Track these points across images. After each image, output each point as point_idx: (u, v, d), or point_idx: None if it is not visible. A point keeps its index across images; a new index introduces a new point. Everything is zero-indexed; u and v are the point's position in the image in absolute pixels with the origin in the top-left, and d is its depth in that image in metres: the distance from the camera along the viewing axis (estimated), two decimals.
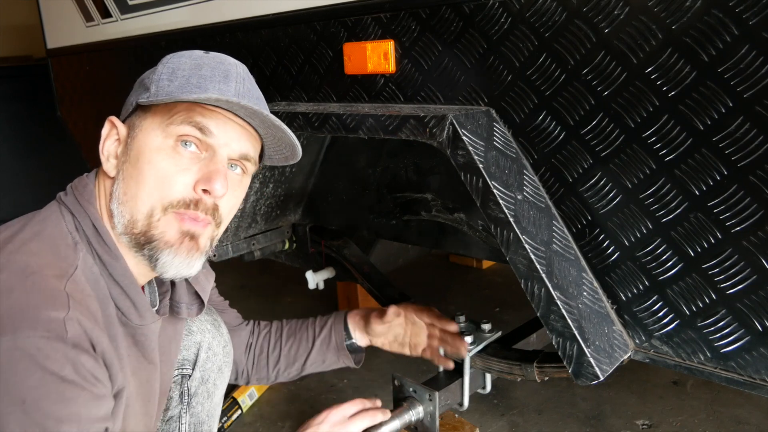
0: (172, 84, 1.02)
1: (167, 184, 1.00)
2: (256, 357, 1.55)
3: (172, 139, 1.02)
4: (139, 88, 1.07)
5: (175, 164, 1.01)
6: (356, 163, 1.80)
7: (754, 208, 0.91)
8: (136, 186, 1.01)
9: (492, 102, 1.17)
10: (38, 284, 0.90)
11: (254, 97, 1.08)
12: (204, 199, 1.02)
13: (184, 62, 1.05)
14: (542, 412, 2.11)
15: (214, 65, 1.05)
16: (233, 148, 1.06)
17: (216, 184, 1.01)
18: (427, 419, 1.42)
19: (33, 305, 0.87)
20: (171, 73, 1.04)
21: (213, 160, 1.03)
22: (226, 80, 1.04)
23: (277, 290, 3.29)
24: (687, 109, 0.94)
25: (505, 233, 1.09)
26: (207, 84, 1.02)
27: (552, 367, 1.30)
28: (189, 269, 1.05)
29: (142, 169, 1.01)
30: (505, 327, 1.51)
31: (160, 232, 1.01)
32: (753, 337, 0.96)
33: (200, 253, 1.05)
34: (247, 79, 1.09)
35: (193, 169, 1.02)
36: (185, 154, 1.02)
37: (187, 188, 1.02)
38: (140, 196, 1.01)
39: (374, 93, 1.35)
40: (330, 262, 2.03)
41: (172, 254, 1.02)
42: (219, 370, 1.40)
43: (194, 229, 1.03)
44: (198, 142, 1.03)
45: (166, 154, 1.01)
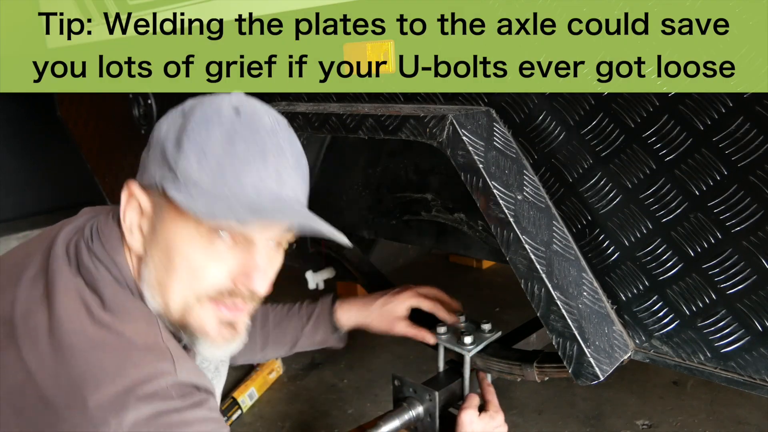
0: (203, 174, 0.89)
1: (201, 276, 0.95)
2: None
3: (206, 228, 0.93)
4: (161, 160, 0.93)
5: (209, 256, 0.94)
6: (356, 163, 1.80)
7: (754, 208, 0.91)
8: (167, 276, 0.95)
9: (492, 102, 1.17)
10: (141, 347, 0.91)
11: (293, 167, 0.96)
12: (241, 289, 0.96)
13: (214, 135, 0.91)
14: (542, 412, 2.11)
15: (249, 136, 0.92)
16: (270, 234, 0.98)
17: (257, 283, 0.95)
18: (427, 419, 1.42)
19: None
20: (200, 157, 0.90)
21: (250, 252, 0.95)
22: (264, 159, 0.91)
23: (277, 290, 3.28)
24: (687, 109, 0.94)
25: (505, 233, 1.09)
26: (244, 171, 0.90)
27: (552, 367, 1.30)
28: (228, 352, 1.02)
29: (173, 260, 0.94)
30: (505, 327, 1.51)
31: (198, 322, 0.97)
32: (753, 337, 0.96)
33: (239, 336, 1.02)
34: (287, 146, 0.96)
35: (229, 260, 0.95)
36: (220, 245, 0.94)
37: (224, 280, 0.95)
38: (173, 287, 0.95)
39: (374, 93, 1.35)
40: (330, 262, 2.03)
41: (209, 344, 0.99)
42: (216, 369, 1.40)
43: (232, 318, 0.99)
44: (232, 231, 0.94)
45: (199, 245, 0.94)
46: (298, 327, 1.55)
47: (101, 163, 2.55)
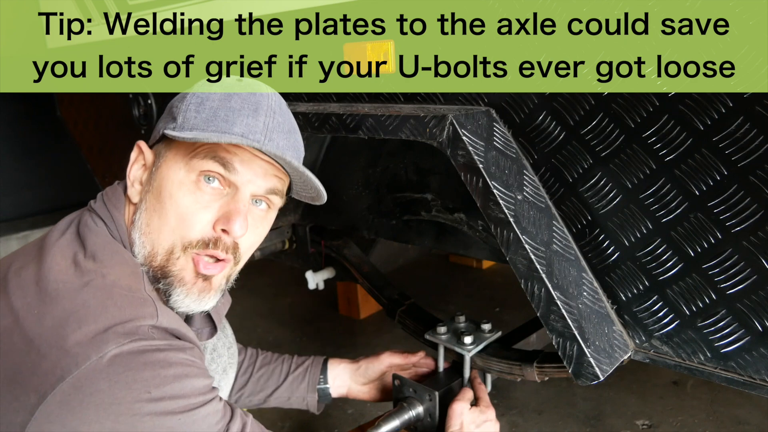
0: (199, 116, 0.99)
1: (188, 223, 1.00)
2: None
3: (195, 173, 1.00)
4: (168, 116, 1.05)
5: (195, 201, 1.00)
6: (356, 163, 1.80)
7: (754, 208, 0.91)
8: (158, 220, 1.01)
9: (492, 102, 1.17)
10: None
11: (284, 131, 1.04)
12: (223, 238, 1.02)
13: (214, 91, 1.02)
14: (542, 412, 2.11)
15: (245, 96, 1.01)
16: (258, 184, 1.04)
17: (235, 225, 1.00)
18: (427, 419, 1.42)
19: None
20: (199, 104, 1.01)
21: (235, 198, 1.02)
22: (256, 113, 1.00)
23: (277, 290, 3.29)
24: (687, 109, 0.94)
25: (505, 233, 1.09)
26: (235, 118, 0.99)
27: (552, 367, 1.30)
28: (200, 306, 1.06)
29: (164, 203, 1.01)
30: (505, 327, 1.51)
31: (178, 270, 1.02)
32: (753, 337, 0.96)
33: (214, 292, 1.06)
34: (279, 111, 1.04)
35: (214, 207, 1.01)
36: (207, 190, 1.01)
37: (207, 227, 1.01)
38: (162, 231, 1.01)
39: (374, 93, 1.35)
40: (330, 262, 2.03)
41: (184, 293, 1.03)
42: (224, 371, 1.40)
43: (209, 272, 1.04)
44: (221, 178, 1.01)
45: (187, 189, 1.01)
46: (284, 371, 1.54)
47: (101, 163, 2.55)
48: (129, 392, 0.86)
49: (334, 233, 1.98)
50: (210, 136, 0.97)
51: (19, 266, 0.99)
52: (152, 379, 0.88)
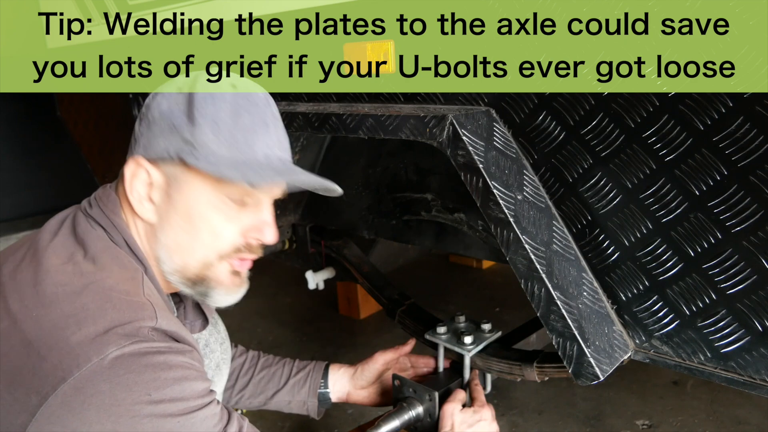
0: (220, 144, 1.00)
1: (221, 238, 1.05)
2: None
3: (224, 194, 1.04)
4: (172, 134, 1.01)
5: (227, 218, 1.05)
6: (356, 163, 1.80)
7: (754, 208, 0.91)
8: (190, 239, 1.05)
9: (492, 102, 1.17)
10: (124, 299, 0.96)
11: (285, 135, 1.10)
12: (252, 243, 1.09)
13: (222, 109, 1.01)
14: (542, 412, 2.11)
15: (250, 109, 1.04)
16: (276, 192, 1.11)
17: (267, 236, 1.08)
18: (426, 419, 1.42)
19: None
20: (214, 129, 1.00)
21: (259, 209, 1.08)
22: (267, 129, 1.05)
23: (277, 290, 3.29)
24: (687, 109, 0.94)
25: (505, 233, 1.09)
26: (253, 139, 1.02)
27: (552, 367, 1.30)
28: (234, 299, 1.13)
29: (196, 224, 1.04)
30: (505, 327, 1.51)
31: (215, 275, 1.07)
32: (753, 337, 0.96)
33: (244, 282, 1.13)
34: (275, 114, 1.09)
35: (242, 218, 1.07)
36: (232, 206, 1.06)
37: (238, 237, 1.07)
38: (195, 248, 1.05)
39: (374, 93, 1.35)
40: (330, 262, 2.03)
41: (223, 292, 1.09)
42: (217, 366, 1.40)
43: (241, 270, 1.11)
44: (247, 194, 1.06)
45: (217, 208, 1.05)
46: (285, 374, 1.54)
47: (101, 163, 2.56)
48: (129, 394, 0.86)
49: (334, 233, 1.98)
50: (250, 176, 1.00)
51: (12, 269, 0.99)
52: (153, 382, 0.88)
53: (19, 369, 0.87)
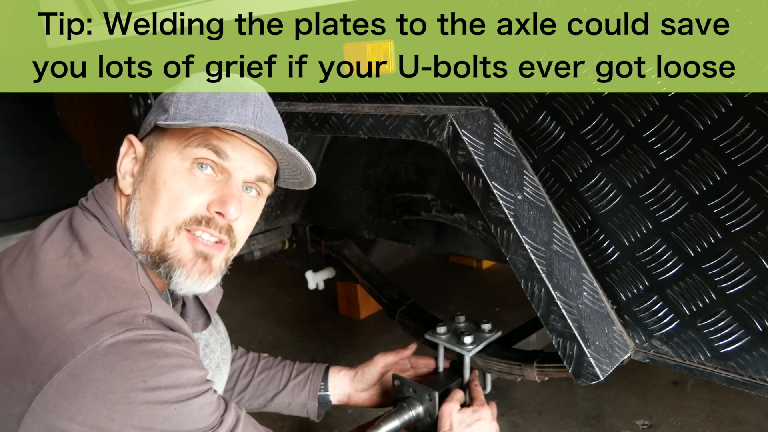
0: (191, 107, 1.03)
1: (181, 204, 1.03)
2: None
3: (189, 161, 1.04)
4: (158, 109, 1.08)
5: (189, 185, 1.04)
6: (356, 163, 1.80)
7: (754, 208, 0.91)
8: (151, 206, 1.04)
9: (492, 102, 1.17)
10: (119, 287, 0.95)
11: (272, 122, 1.08)
12: (216, 219, 1.05)
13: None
14: (542, 412, 2.11)
15: (234, 89, 1.06)
16: (249, 171, 1.08)
17: (230, 208, 1.04)
18: (426, 419, 1.42)
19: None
20: (190, 96, 1.04)
21: (228, 183, 1.05)
22: (245, 104, 1.04)
23: (277, 290, 3.29)
24: (687, 109, 0.94)
25: (505, 233, 1.09)
26: (225, 108, 1.02)
27: (552, 367, 1.30)
28: (201, 288, 1.08)
29: (158, 190, 1.03)
30: (505, 327, 1.51)
31: (174, 251, 1.04)
32: (753, 337, 0.96)
33: (213, 274, 1.08)
34: (266, 103, 1.09)
35: (208, 191, 1.05)
36: (201, 176, 1.04)
37: (200, 207, 1.04)
38: (155, 216, 1.03)
39: (374, 93, 1.35)
40: (330, 262, 2.03)
41: (185, 274, 1.05)
42: (217, 366, 1.40)
43: (207, 251, 1.06)
44: (214, 165, 1.05)
45: (181, 175, 1.03)
46: (285, 377, 1.54)
47: (101, 163, 2.55)
48: (125, 381, 0.86)
49: (334, 233, 1.98)
50: (205, 122, 1.00)
51: (10, 263, 1.00)
52: (148, 369, 0.88)
53: (16, 359, 0.88)
